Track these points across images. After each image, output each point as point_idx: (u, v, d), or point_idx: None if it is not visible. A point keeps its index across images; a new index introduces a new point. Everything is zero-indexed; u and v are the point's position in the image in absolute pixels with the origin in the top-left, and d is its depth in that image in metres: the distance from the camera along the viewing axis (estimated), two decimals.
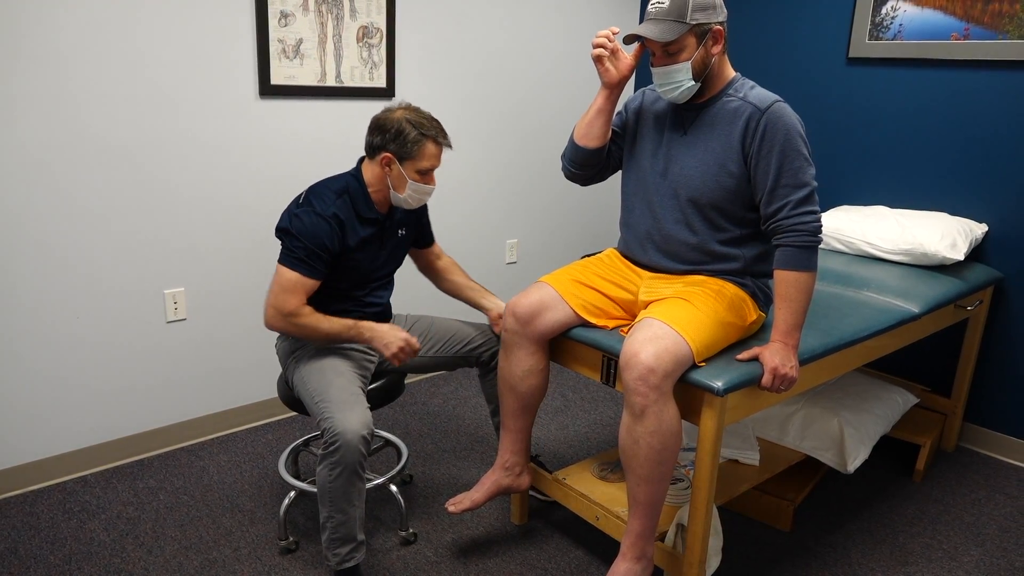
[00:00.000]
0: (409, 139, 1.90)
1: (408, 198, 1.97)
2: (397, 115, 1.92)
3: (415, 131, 1.90)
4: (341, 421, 1.78)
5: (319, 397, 1.87)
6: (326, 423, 1.80)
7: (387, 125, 1.91)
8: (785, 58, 3.23)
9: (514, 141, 3.40)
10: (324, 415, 1.82)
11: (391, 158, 1.91)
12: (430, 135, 1.92)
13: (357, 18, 2.73)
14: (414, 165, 1.93)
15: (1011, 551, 2.25)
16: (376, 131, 1.93)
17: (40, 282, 2.27)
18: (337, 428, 1.77)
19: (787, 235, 1.73)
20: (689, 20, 1.70)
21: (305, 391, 1.93)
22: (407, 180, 1.94)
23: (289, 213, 1.91)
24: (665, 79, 1.77)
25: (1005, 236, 2.72)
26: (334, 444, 1.77)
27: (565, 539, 2.22)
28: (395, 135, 1.90)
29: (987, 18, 2.63)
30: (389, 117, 1.92)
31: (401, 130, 1.90)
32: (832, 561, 2.16)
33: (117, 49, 2.26)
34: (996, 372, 2.81)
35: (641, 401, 1.63)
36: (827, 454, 2.30)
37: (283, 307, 1.88)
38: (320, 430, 1.84)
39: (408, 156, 1.91)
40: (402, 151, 1.91)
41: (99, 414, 2.47)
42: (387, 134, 1.91)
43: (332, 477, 1.80)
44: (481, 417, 2.97)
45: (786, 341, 1.75)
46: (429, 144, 1.92)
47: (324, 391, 1.87)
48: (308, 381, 1.92)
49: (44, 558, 2.04)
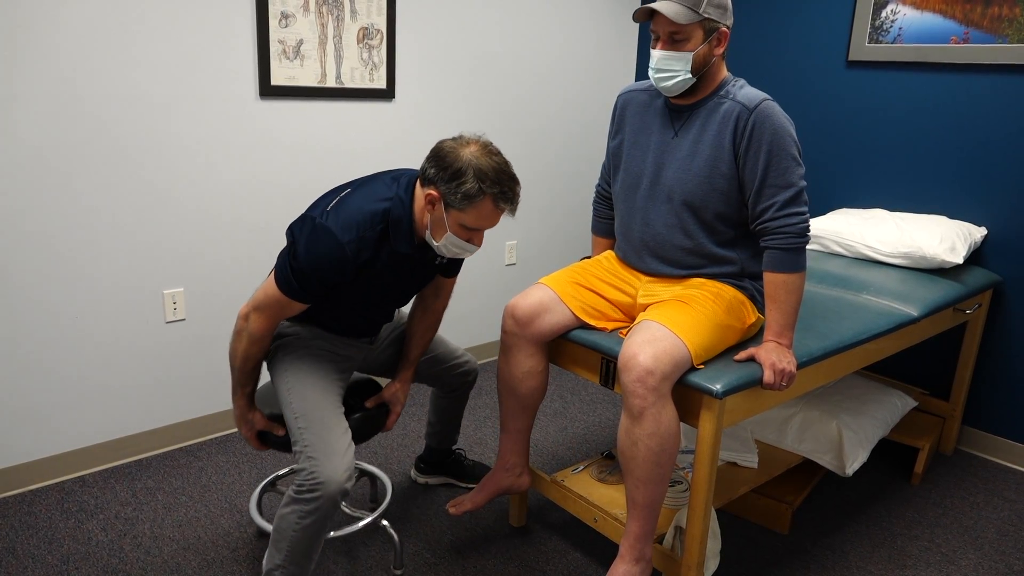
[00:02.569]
0: (464, 189, 1.56)
1: (443, 247, 1.67)
2: (465, 153, 1.58)
3: (476, 183, 1.55)
4: (325, 468, 1.60)
5: (301, 421, 1.68)
6: (307, 464, 1.62)
7: (448, 160, 1.57)
8: (785, 61, 3.24)
9: (514, 142, 3.40)
10: (305, 453, 1.64)
11: (437, 198, 1.59)
12: (491, 193, 1.57)
13: (357, 19, 2.73)
14: (460, 218, 1.60)
15: (1009, 554, 2.25)
16: (435, 161, 1.59)
17: (39, 282, 2.27)
18: (320, 476, 1.60)
19: (774, 237, 1.74)
20: (703, 12, 1.70)
21: (285, 400, 1.74)
22: (446, 230, 1.63)
23: (311, 222, 1.60)
24: (664, 64, 1.77)
25: (1004, 239, 2.73)
26: (313, 493, 1.60)
27: (563, 541, 2.22)
28: (452, 176, 1.56)
29: (986, 22, 2.64)
30: (455, 151, 1.58)
31: (460, 173, 1.55)
32: (830, 564, 2.16)
33: (117, 49, 2.26)
34: (995, 376, 2.82)
35: (639, 403, 1.64)
36: (825, 457, 2.30)
37: (251, 317, 1.68)
38: (297, 465, 1.66)
39: (455, 206, 1.59)
40: (451, 198, 1.57)
41: (97, 414, 2.47)
42: (445, 170, 1.57)
43: (300, 526, 1.63)
44: (480, 418, 2.97)
45: (779, 341, 1.76)
46: (487, 203, 1.58)
47: (307, 412, 1.69)
48: (290, 392, 1.74)
49: (42, 558, 2.04)
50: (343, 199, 1.64)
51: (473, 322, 3.48)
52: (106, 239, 2.36)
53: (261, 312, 1.68)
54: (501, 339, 2.00)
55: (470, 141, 1.62)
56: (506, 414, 2.05)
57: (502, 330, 1.99)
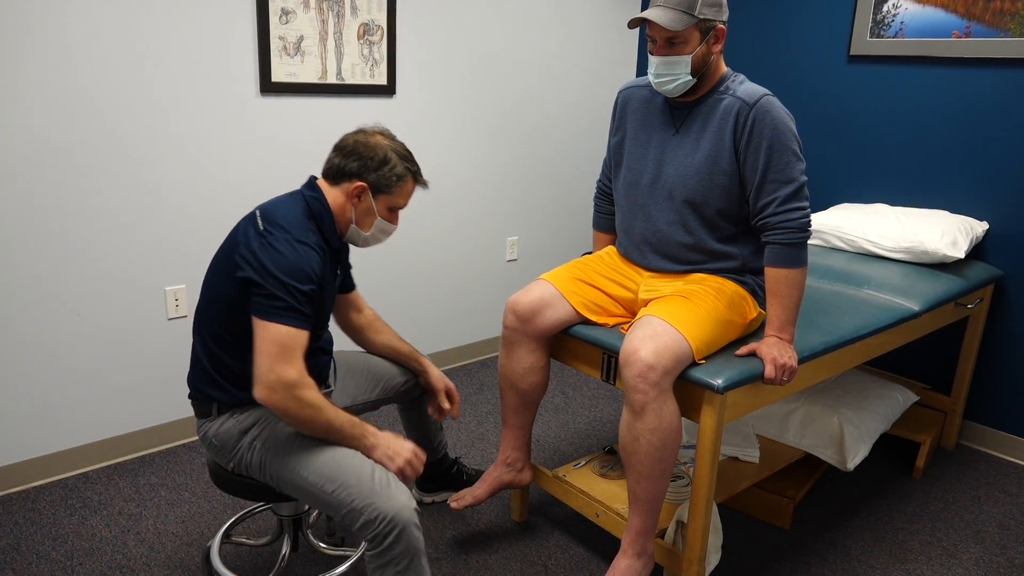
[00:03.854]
0: (395, 172, 1.65)
1: (370, 236, 1.71)
2: (380, 142, 1.65)
3: (402, 164, 1.66)
4: (384, 503, 1.48)
5: (333, 486, 1.51)
6: (368, 513, 1.48)
7: (368, 152, 1.63)
8: (786, 56, 3.23)
9: (515, 138, 3.40)
10: (356, 505, 1.49)
11: (365, 188, 1.64)
12: (414, 171, 1.69)
13: (358, 15, 2.73)
14: (389, 201, 1.68)
15: (1011, 548, 2.25)
16: (352, 156, 1.64)
17: (42, 279, 2.27)
18: (388, 513, 1.47)
19: (775, 232, 1.74)
20: (698, 14, 1.69)
21: (301, 482, 1.54)
22: (376, 216, 1.68)
23: (254, 250, 1.51)
24: (664, 70, 1.76)
25: (1006, 234, 2.72)
26: (391, 534, 1.48)
27: (565, 536, 2.22)
28: (378, 164, 1.63)
29: (988, 16, 2.63)
30: (371, 143, 1.65)
31: (386, 160, 1.64)
32: (832, 558, 2.17)
33: (118, 47, 2.26)
34: (996, 370, 2.82)
35: (641, 398, 1.64)
36: (827, 452, 2.30)
37: (284, 376, 1.45)
38: (356, 526, 1.50)
39: (386, 190, 1.66)
40: (381, 183, 1.64)
41: (101, 411, 2.47)
42: (368, 161, 1.63)
43: (401, 572, 1.51)
44: (481, 413, 2.97)
45: (781, 336, 1.76)
46: (410, 181, 1.69)
47: (335, 474, 1.52)
48: (301, 469, 1.54)
49: (46, 554, 2.05)
50: (265, 216, 1.56)
51: (474, 318, 3.49)
52: (108, 236, 2.37)
53: (283, 361, 1.47)
54: (502, 335, 2.00)
55: (374, 131, 1.69)
56: (507, 410, 2.05)
57: (503, 326, 1.99)
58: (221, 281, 1.59)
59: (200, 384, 1.65)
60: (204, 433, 1.65)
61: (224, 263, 1.59)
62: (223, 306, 1.58)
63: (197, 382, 1.66)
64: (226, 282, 1.57)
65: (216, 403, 1.63)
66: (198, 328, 1.66)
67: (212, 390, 1.63)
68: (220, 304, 1.59)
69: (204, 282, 1.66)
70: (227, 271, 1.57)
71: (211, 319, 1.62)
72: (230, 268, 1.56)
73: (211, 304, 1.62)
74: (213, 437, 1.63)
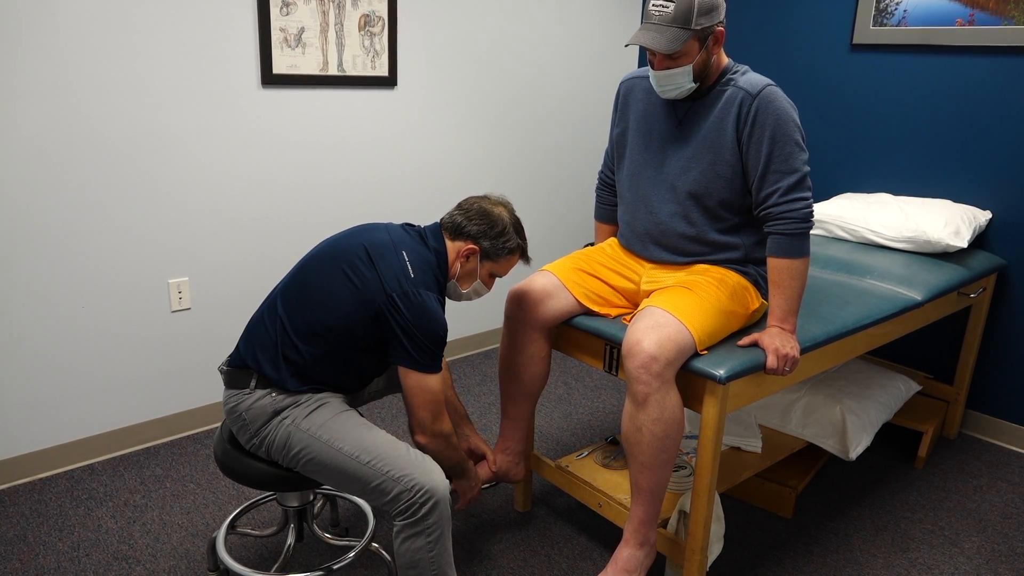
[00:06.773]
0: (508, 245, 1.75)
1: (468, 293, 1.81)
2: (502, 214, 1.76)
3: (516, 240, 1.77)
4: (422, 476, 1.56)
5: (370, 457, 1.57)
6: (405, 483, 1.55)
7: (490, 220, 1.74)
8: (789, 45, 3.21)
9: (516, 130, 3.39)
10: (393, 475, 1.56)
11: (476, 252, 1.74)
12: (522, 248, 1.80)
13: (359, 6, 2.72)
14: (493, 268, 1.79)
15: (1012, 537, 2.26)
16: (477, 219, 1.74)
17: (45, 273, 2.28)
18: (426, 484, 1.55)
19: (777, 222, 1.74)
20: (694, 26, 1.67)
21: (335, 454, 1.58)
22: (477, 279, 1.79)
23: (408, 304, 1.57)
24: (666, 82, 1.76)
25: (1009, 223, 2.72)
26: (426, 505, 1.55)
27: (568, 526, 2.23)
28: (496, 234, 1.74)
29: (992, 4, 2.61)
30: (494, 212, 1.75)
31: (504, 232, 1.75)
32: (834, 547, 2.17)
33: (118, 39, 2.25)
34: (999, 359, 2.82)
35: (643, 389, 1.64)
36: (829, 441, 2.31)
37: (444, 430, 1.67)
38: (389, 497, 1.57)
39: (495, 258, 1.77)
40: (493, 250, 1.75)
41: (105, 403, 2.48)
42: (489, 229, 1.73)
43: (431, 545, 1.58)
44: (484, 404, 2.98)
45: (782, 326, 1.76)
46: (517, 257, 1.81)
47: (371, 448, 1.58)
48: (336, 441, 1.59)
49: (52, 545, 2.06)
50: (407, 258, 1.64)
51: (475, 309, 3.49)
52: (110, 229, 2.37)
53: (441, 415, 1.66)
54: (504, 324, 2.01)
55: (498, 201, 1.80)
56: (507, 400, 2.06)
57: (505, 315, 1.99)
58: (343, 293, 1.61)
59: (255, 353, 1.64)
60: (235, 405, 1.64)
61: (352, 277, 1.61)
62: (338, 315, 1.60)
63: (252, 349, 1.65)
64: (350, 300, 1.60)
65: (257, 376, 1.63)
66: (282, 308, 1.66)
67: (266, 365, 1.63)
68: (332, 311, 1.60)
69: (308, 268, 1.67)
70: (355, 291, 1.60)
71: (308, 310, 1.62)
72: (361, 293, 1.59)
73: (314, 298, 1.62)
74: (245, 411, 1.62)
